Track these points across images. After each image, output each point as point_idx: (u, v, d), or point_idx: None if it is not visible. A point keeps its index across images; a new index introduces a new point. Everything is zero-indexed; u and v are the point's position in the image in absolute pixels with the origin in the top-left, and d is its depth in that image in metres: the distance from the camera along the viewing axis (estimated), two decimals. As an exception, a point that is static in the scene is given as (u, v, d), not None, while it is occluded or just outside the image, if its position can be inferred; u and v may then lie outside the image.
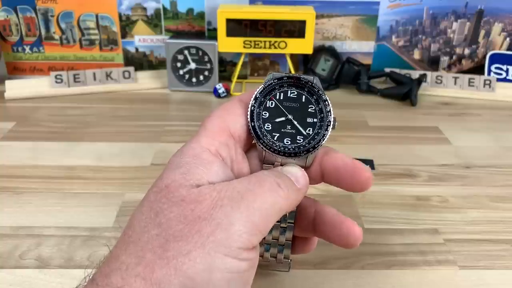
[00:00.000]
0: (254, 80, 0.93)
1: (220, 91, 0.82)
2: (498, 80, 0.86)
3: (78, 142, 0.65)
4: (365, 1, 0.87)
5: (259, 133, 0.31)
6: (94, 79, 0.84)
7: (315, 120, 0.32)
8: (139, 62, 0.91)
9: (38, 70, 0.91)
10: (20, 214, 0.49)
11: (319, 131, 0.32)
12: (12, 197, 0.52)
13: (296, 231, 0.35)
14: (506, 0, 0.87)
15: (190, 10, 0.87)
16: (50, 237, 0.46)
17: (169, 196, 0.27)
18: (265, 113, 0.32)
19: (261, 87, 0.32)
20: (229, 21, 0.78)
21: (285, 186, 0.29)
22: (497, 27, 0.88)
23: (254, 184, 0.27)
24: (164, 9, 0.87)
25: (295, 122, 0.32)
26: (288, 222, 0.34)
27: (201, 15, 0.88)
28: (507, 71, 0.88)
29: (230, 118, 0.31)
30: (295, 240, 0.36)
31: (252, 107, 0.32)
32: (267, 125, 0.32)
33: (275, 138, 0.31)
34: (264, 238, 0.33)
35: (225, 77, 0.91)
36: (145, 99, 0.82)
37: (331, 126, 0.32)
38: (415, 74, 0.87)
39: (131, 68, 0.86)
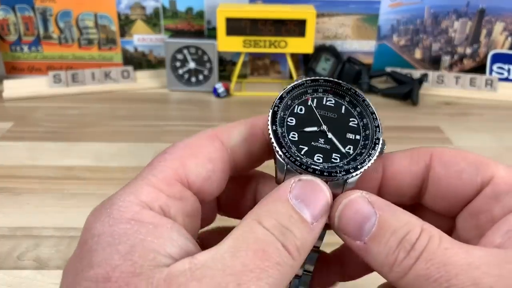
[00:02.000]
0: (254, 79, 0.92)
1: (219, 90, 0.82)
2: (500, 79, 0.85)
3: (76, 142, 0.65)
4: (366, 0, 0.87)
5: (281, 141, 0.23)
6: (93, 78, 0.84)
7: (357, 137, 0.24)
8: (138, 61, 0.91)
9: (37, 70, 0.90)
10: (18, 214, 0.49)
11: (363, 151, 0.24)
12: (10, 198, 0.52)
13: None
14: (508, -1, 0.86)
15: (190, 9, 0.87)
16: (48, 238, 0.45)
17: None
18: (291, 120, 0.24)
19: (289, 86, 0.25)
20: (229, 20, 0.78)
21: (294, 244, 0.20)
22: (498, 26, 0.88)
23: (256, 255, 0.19)
24: (164, 8, 0.87)
25: (330, 135, 0.24)
26: (305, 272, 0.25)
27: (201, 14, 0.87)
28: (508, 70, 0.87)
29: (193, 162, 0.23)
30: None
31: (276, 108, 0.24)
32: (293, 134, 0.24)
33: (302, 152, 0.23)
34: None
35: (224, 77, 0.90)
36: (144, 98, 0.81)
37: (379, 146, 0.24)
38: (416, 74, 0.86)
39: (130, 68, 0.85)
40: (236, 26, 0.79)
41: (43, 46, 0.88)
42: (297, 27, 0.78)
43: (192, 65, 0.83)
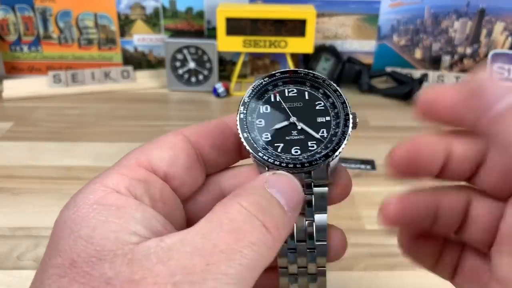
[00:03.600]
0: (254, 79, 0.92)
1: (219, 90, 0.82)
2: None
3: (76, 142, 0.65)
4: (366, 0, 0.86)
5: (255, 145, 0.24)
6: (93, 78, 0.83)
7: (327, 118, 0.25)
8: (138, 61, 0.90)
9: (36, 70, 0.90)
10: (18, 214, 0.49)
11: (336, 130, 0.24)
12: (10, 198, 0.52)
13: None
14: (508, -1, 0.86)
15: (190, 9, 0.87)
16: (48, 238, 0.45)
17: (83, 280, 0.17)
18: (260, 121, 0.25)
19: (249, 89, 0.26)
20: (229, 20, 0.78)
21: (274, 223, 0.19)
22: (499, 26, 0.88)
23: (229, 235, 0.18)
24: (163, 8, 0.87)
25: (302, 125, 0.24)
26: (318, 240, 0.25)
27: (201, 14, 0.87)
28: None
29: (156, 152, 0.24)
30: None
31: (242, 115, 0.25)
32: (265, 134, 0.24)
33: (278, 150, 0.24)
34: (287, 267, 0.25)
35: (224, 77, 0.90)
36: (144, 98, 0.81)
37: (350, 121, 0.24)
38: (416, 74, 0.86)
39: (129, 68, 0.85)
40: (236, 26, 0.78)
41: (43, 46, 0.88)
42: (297, 27, 0.78)
43: (192, 65, 0.83)
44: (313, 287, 0.26)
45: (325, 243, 0.25)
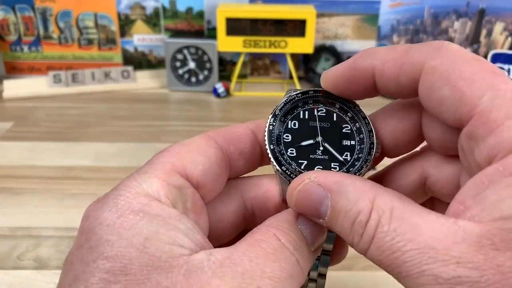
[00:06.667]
0: (254, 79, 0.92)
1: (219, 90, 0.82)
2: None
3: (76, 142, 0.65)
4: (366, 0, 0.87)
5: (280, 159, 0.24)
6: (93, 78, 0.84)
7: (352, 142, 0.25)
8: (138, 61, 0.91)
9: (37, 70, 0.90)
10: (18, 214, 0.49)
11: (360, 155, 0.25)
12: (10, 198, 0.52)
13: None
14: (508, -1, 0.86)
15: (190, 9, 0.87)
16: (48, 238, 0.45)
17: None
18: (287, 136, 0.25)
19: (280, 102, 0.26)
20: (229, 20, 0.78)
21: (304, 261, 0.21)
22: (498, 26, 0.88)
23: (274, 264, 0.20)
24: (164, 8, 0.87)
25: (327, 146, 0.25)
26: (324, 251, 0.26)
27: (201, 14, 0.87)
28: (508, 70, 0.87)
29: (190, 157, 0.23)
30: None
31: (271, 126, 0.25)
32: (291, 150, 0.25)
33: (302, 167, 0.24)
34: None
35: (224, 77, 0.90)
36: (144, 98, 0.81)
37: (374, 150, 0.25)
38: (416, 74, 0.86)
39: (130, 68, 0.85)
40: (236, 26, 0.78)
41: (43, 46, 0.88)
42: (297, 27, 0.78)
43: (192, 65, 0.83)
44: (312, 287, 0.27)
45: (329, 256, 0.26)
